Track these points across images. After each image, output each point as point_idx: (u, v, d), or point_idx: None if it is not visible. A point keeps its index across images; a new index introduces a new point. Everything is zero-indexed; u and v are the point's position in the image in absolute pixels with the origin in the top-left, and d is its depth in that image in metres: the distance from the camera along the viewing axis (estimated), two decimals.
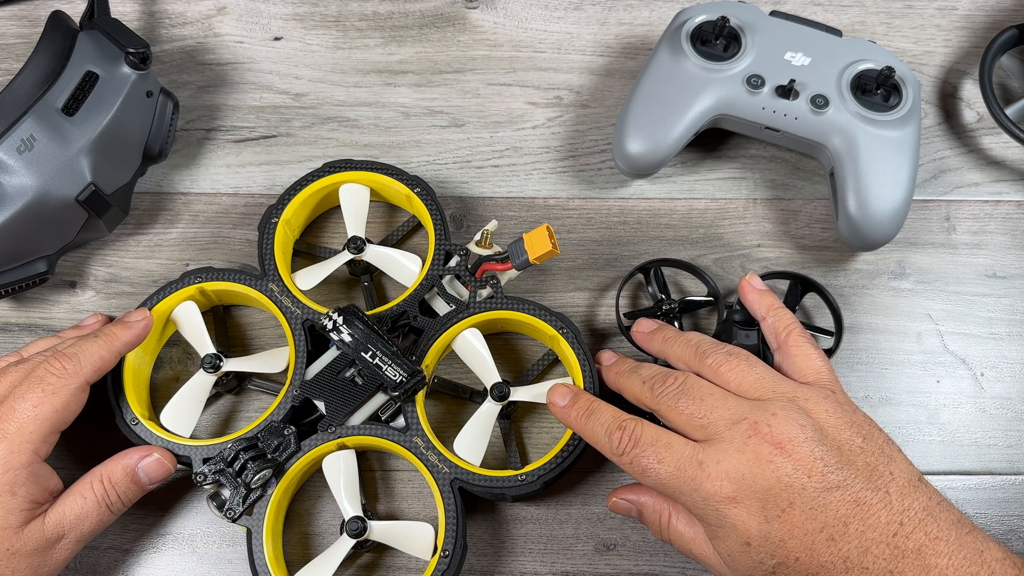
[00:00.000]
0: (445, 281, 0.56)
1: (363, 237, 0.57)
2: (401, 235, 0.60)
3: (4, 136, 0.52)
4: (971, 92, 0.65)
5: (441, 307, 0.56)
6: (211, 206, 0.61)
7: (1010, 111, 0.61)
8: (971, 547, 0.42)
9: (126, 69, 0.55)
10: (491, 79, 0.65)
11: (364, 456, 0.55)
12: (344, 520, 0.51)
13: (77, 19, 0.58)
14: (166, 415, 0.53)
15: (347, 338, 0.52)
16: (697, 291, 0.59)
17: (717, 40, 0.58)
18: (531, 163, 0.62)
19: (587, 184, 0.62)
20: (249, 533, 0.50)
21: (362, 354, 0.52)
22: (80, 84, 0.54)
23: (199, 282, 0.55)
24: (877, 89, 0.57)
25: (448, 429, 0.55)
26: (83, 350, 0.50)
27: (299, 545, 0.54)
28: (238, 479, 0.50)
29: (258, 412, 0.56)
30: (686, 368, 0.50)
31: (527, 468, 0.52)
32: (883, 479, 0.44)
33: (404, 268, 0.57)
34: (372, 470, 0.55)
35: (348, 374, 0.53)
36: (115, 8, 0.66)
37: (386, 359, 0.52)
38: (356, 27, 0.66)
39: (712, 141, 0.62)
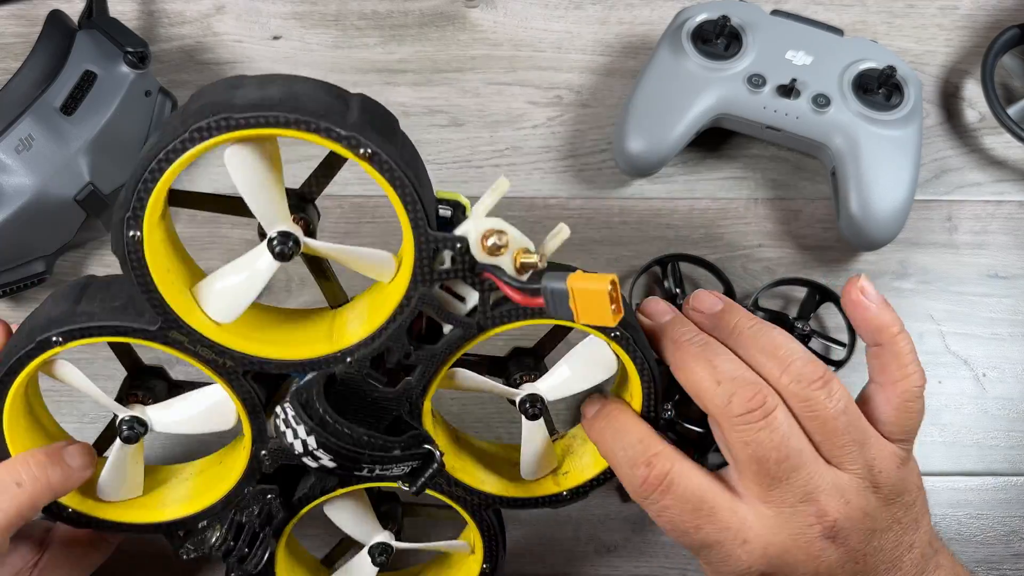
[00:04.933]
0: (436, 291, 0.38)
1: (292, 232, 0.36)
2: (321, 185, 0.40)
3: (2, 136, 0.52)
4: (973, 92, 0.64)
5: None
6: None
7: (1012, 111, 0.61)
8: None
9: (125, 68, 0.55)
10: (491, 78, 0.64)
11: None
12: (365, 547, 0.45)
13: (76, 18, 0.58)
14: (104, 488, 0.42)
15: (330, 464, 0.37)
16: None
17: (718, 39, 0.58)
18: (531, 163, 0.62)
19: (588, 184, 0.62)
20: None
21: (356, 474, 0.38)
22: (78, 83, 0.54)
23: (56, 346, 0.38)
24: (879, 88, 0.57)
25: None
26: None
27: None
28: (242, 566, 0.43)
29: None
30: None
31: (572, 484, 0.43)
32: (901, 546, 0.40)
33: (373, 268, 0.39)
34: None
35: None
36: (114, 7, 0.65)
37: (386, 464, 0.38)
38: (355, 26, 0.66)
39: (713, 141, 0.62)
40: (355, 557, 0.47)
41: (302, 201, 0.39)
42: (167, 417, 0.41)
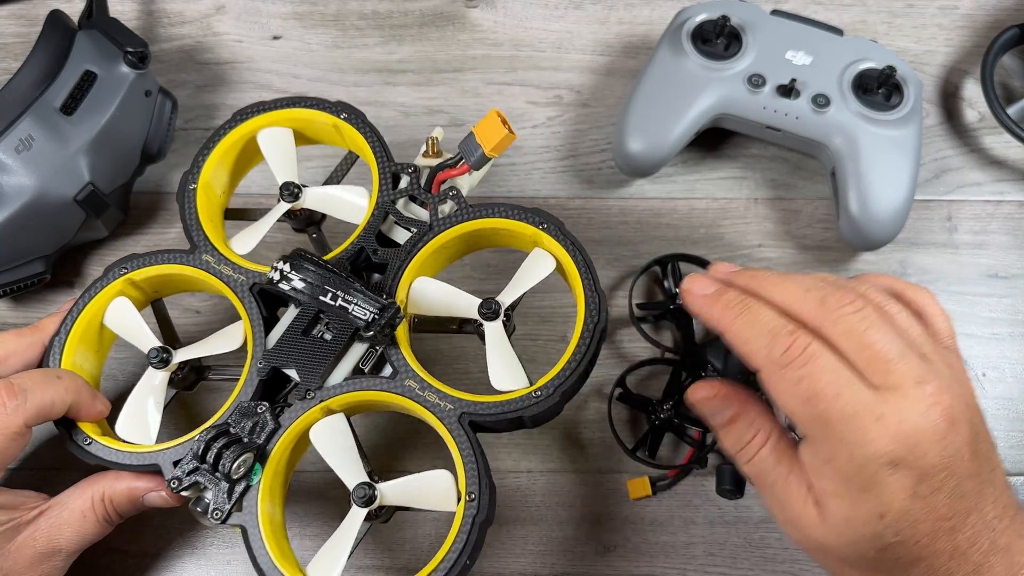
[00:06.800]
0: (399, 205, 0.50)
1: (297, 182, 0.51)
2: (342, 176, 0.55)
3: (2, 136, 0.52)
4: (973, 91, 0.64)
5: (403, 236, 0.51)
6: None
7: (1012, 111, 0.61)
8: None
9: (124, 68, 0.55)
10: (491, 78, 0.64)
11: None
12: (351, 491, 0.45)
13: (76, 18, 0.58)
14: (121, 426, 0.48)
15: (299, 284, 0.46)
16: None
17: (718, 39, 0.58)
18: (531, 162, 0.62)
19: (587, 184, 0.62)
20: (244, 531, 0.45)
21: (321, 298, 0.46)
22: (78, 83, 0.54)
23: (125, 273, 0.50)
24: (879, 88, 0.57)
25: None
26: (32, 386, 0.45)
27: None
28: (217, 473, 0.44)
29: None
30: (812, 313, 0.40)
31: (539, 383, 0.46)
32: (995, 471, 0.40)
33: (351, 205, 0.51)
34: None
35: (315, 331, 0.48)
36: (114, 7, 0.65)
37: (349, 297, 0.46)
38: (355, 26, 0.66)
39: (713, 140, 0.62)
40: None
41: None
42: (186, 353, 0.50)
